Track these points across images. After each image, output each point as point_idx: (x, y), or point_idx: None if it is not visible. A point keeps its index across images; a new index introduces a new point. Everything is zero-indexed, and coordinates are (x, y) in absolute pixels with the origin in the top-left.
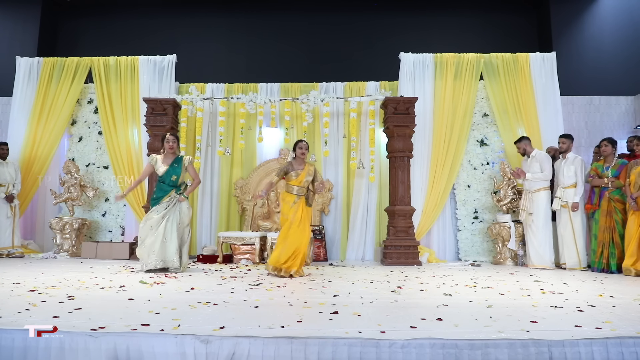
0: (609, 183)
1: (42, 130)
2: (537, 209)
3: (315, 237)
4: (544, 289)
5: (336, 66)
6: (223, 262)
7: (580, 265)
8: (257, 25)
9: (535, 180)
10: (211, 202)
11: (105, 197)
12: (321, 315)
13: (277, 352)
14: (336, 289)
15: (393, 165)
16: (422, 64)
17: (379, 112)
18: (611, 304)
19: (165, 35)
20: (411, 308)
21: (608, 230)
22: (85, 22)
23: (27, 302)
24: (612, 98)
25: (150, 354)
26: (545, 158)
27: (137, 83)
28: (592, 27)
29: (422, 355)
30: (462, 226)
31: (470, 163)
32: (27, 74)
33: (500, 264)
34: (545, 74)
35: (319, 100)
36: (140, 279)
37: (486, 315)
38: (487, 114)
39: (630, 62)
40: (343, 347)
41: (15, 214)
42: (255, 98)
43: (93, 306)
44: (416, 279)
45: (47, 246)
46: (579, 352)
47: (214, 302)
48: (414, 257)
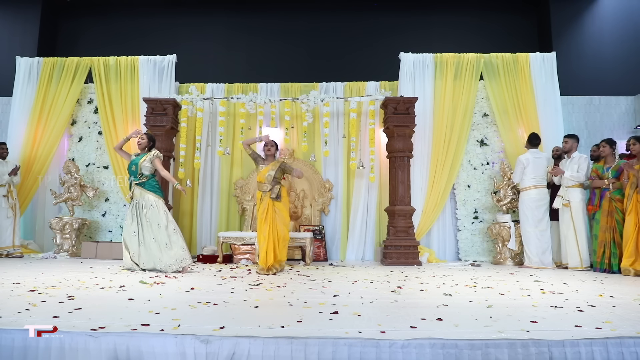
0: (610, 184)
1: (42, 130)
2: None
3: (315, 237)
4: (544, 289)
5: (336, 66)
6: (223, 262)
7: (581, 264)
8: (257, 25)
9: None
10: (211, 202)
11: (105, 197)
12: (321, 315)
13: (277, 352)
14: (336, 289)
15: (393, 165)
16: (422, 64)
17: (379, 112)
18: (611, 304)
19: (165, 35)
20: (411, 308)
21: (609, 230)
22: (85, 22)
23: (27, 302)
24: (612, 98)
25: (150, 354)
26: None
27: (137, 83)
28: (592, 27)
29: (422, 355)
30: (462, 226)
31: (470, 163)
32: (27, 74)
33: (500, 264)
34: (545, 74)
35: (319, 100)
36: (140, 279)
37: (486, 315)
38: (487, 114)
39: (630, 62)
40: (343, 347)
41: (16, 214)
42: (255, 98)
43: (93, 306)
44: (416, 279)
45: (47, 246)
46: (579, 352)
47: (214, 302)
48: (414, 257)
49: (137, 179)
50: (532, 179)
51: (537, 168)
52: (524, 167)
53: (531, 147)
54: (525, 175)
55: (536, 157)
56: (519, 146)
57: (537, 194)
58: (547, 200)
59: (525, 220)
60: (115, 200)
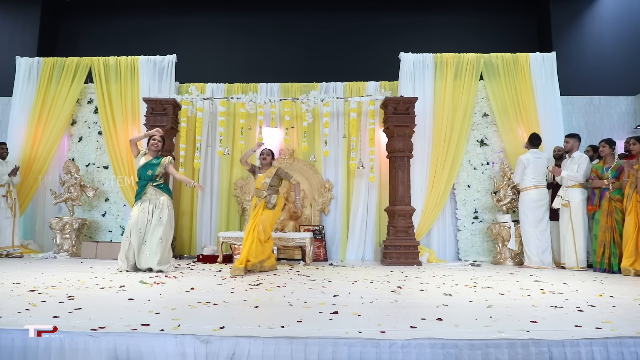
0: (609, 185)
1: (42, 130)
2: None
3: (315, 237)
4: (544, 289)
5: (336, 66)
6: (223, 262)
7: (577, 265)
8: (257, 25)
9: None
10: (211, 202)
11: (105, 197)
12: (321, 315)
13: (277, 352)
14: (336, 289)
15: (393, 165)
16: (422, 64)
17: (379, 112)
18: (611, 304)
19: (165, 35)
20: (411, 308)
21: (609, 230)
22: (85, 22)
23: (27, 302)
24: (612, 98)
25: (150, 354)
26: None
27: (137, 83)
28: (592, 27)
29: (422, 355)
30: (462, 226)
31: (470, 163)
32: (27, 74)
33: (500, 264)
34: (545, 74)
35: (319, 100)
36: (140, 279)
37: (486, 315)
38: (487, 114)
39: (630, 62)
40: (343, 347)
41: (15, 214)
42: (255, 98)
43: (93, 306)
44: (416, 279)
45: (47, 246)
46: (579, 352)
47: (214, 302)
48: (414, 257)
49: (155, 181)
50: (533, 179)
51: (537, 168)
52: (524, 167)
53: (532, 147)
54: (526, 175)
55: (537, 157)
56: (519, 146)
57: (537, 194)
58: (547, 201)
59: (526, 220)
60: (115, 200)
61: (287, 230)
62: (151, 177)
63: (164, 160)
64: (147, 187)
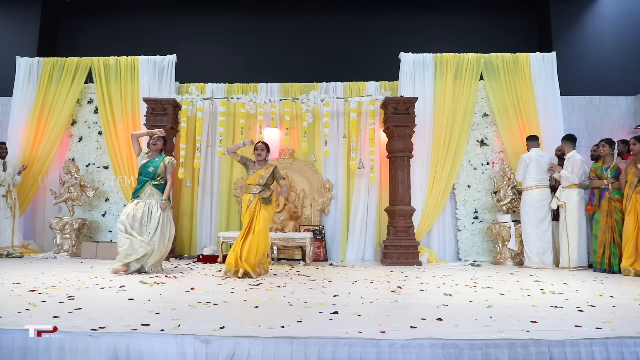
0: (609, 185)
1: (42, 130)
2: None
3: (315, 237)
4: (544, 289)
5: (336, 66)
6: (223, 262)
7: (569, 265)
8: (257, 25)
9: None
10: (211, 202)
11: (105, 197)
12: (321, 315)
13: (277, 352)
14: (336, 289)
15: (393, 165)
16: (422, 64)
17: (379, 112)
18: (611, 304)
19: (165, 35)
20: (411, 308)
21: (609, 230)
22: (85, 22)
23: (27, 302)
24: (612, 98)
25: (150, 354)
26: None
27: (137, 83)
28: (592, 27)
29: (422, 355)
30: (462, 226)
31: (470, 163)
32: (27, 74)
33: (500, 264)
34: (545, 74)
35: (319, 100)
36: (140, 279)
37: (486, 315)
38: (487, 114)
39: (630, 62)
40: (343, 347)
41: (15, 214)
42: (255, 98)
43: (93, 306)
44: (416, 279)
45: (47, 246)
46: (579, 352)
47: (214, 302)
48: (414, 257)
49: (155, 180)
50: (535, 179)
51: (539, 167)
52: (526, 164)
53: (532, 145)
54: (528, 174)
55: (539, 155)
56: (519, 146)
57: (540, 193)
58: (549, 201)
59: (527, 220)
60: (115, 200)
61: (287, 230)
62: (152, 175)
63: (165, 159)
64: (146, 186)
